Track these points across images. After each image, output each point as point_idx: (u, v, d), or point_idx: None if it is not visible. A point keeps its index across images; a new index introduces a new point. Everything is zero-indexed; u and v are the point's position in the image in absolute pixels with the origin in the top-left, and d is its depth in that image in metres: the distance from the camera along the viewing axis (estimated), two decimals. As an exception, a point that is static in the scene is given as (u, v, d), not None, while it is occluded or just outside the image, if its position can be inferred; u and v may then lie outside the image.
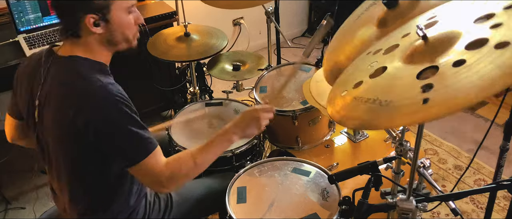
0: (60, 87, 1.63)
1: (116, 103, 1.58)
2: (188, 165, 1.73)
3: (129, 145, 1.62)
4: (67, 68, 1.64)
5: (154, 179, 1.67)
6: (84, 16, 1.58)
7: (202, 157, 1.76)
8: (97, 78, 1.61)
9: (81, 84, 1.59)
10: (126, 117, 1.59)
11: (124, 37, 1.71)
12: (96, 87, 1.58)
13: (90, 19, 1.59)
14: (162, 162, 1.68)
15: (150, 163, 1.63)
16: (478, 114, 3.83)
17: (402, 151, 1.81)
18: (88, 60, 1.65)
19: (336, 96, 1.40)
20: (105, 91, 1.58)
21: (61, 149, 1.71)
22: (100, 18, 1.61)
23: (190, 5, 3.19)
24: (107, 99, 1.58)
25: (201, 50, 2.87)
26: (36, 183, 3.38)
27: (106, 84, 1.60)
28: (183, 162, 1.73)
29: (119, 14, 1.65)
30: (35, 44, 2.96)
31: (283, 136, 2.60)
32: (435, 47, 1.22)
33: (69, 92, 1.61)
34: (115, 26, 1.65)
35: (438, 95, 1.04)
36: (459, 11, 1.36)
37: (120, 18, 1.65)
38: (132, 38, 1.74)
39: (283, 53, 4.78)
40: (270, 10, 2.90)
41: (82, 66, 1.63)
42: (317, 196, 1.93)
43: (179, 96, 3.85)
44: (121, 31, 1.68)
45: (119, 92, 1.61)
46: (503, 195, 3.01)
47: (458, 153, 3.44)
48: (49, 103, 1.65)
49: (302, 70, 2.78)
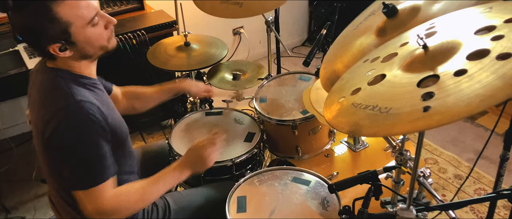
0: (38, 98, 1.65)
1: (84, 123, 1.58)
2: (134, 199, 1.74)
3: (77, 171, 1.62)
4: (48, 80, 1.65)
5: (96, 209, 1.66)
6: (47, 46, 1.58)
7: (150, 191, 1.78)
8: (73, 92, 1.60)
9: (56, 98, 1.60)
10: (87, 142, 1.59)
11: (98, 48, 1.69)
12: (69, 103, 1.58)
13: (54, 48, 1.59)
14: (109, 194, 1.67)
15: (94, 193, 1.63)
16: (478, 123, 3.83)
17: (402, 160, 1.80)
18: (68, 72, 1.66)
19: (333, 102, 1.40)
20: (77, 108, 1.58)
21: (43, 159, 1.73)
22: (64, 44, 1.59)
23: (190, 14, 3.20)
24: (76, 117, 1.57)
25: (201, 59, 2.87)
26: (36, 193, 3.38)
27: (80, 101, 1.59)
28: (129, 197, 1.73)
29: (82, 31, 1.61)
30: (35, 54, 2.96)
31: (283, 146, 2.59)
32: (435, 56, 1.23)
33: (44, 104, 1.62)
34: (83, 43, 1.64)
35: (440, 104, 1.04)
36: (458, 22, 1.37)
37: (85, 35, 1.62)
38: (107, 43, 1.72)
39: (283, 62, 4.80)
40: (270, 19, 2.91)
41: (61, 78, 1.64)
42: (317, 206, 1.93)
43: (179, 106, 3.85)
44: (91, 45, 1.66)
45: (90, 112, 1.59)
46: (503, 204, 3.00)
47: (458, 163, 3.43)
48: (32, 113, 1.68)
49: (302, 79, 2.78)
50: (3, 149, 3.58)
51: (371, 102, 1.22)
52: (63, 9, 1.54)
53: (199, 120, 2.62)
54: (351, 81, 1.46)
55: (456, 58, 1.18)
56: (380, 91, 1.27)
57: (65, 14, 1.54)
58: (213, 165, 2.21)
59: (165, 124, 4.08)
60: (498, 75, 1.01)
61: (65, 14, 1.54)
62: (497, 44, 1.12)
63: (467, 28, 1.27)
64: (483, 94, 0.99)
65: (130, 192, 1.74)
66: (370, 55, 1.53)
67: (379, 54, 1.48)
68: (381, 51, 1.50)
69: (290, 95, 2.66)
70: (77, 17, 1.58)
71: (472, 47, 1.17)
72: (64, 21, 1.55)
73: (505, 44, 1.10)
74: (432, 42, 1.28)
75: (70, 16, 1.56)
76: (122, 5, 3.60)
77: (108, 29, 1.71)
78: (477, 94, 1.00)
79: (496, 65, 1.04)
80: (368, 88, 1.31)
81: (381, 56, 1.44)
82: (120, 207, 1.69)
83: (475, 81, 1.03)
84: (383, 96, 1.23)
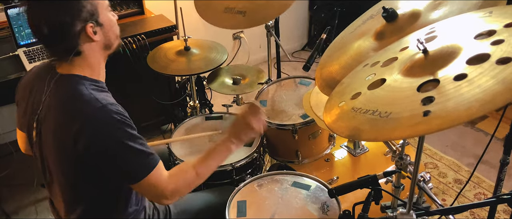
0: (60, 107, 1.63)
1: (116, 125, 1.57)
2: (191, 177, 1.73)
3: (132, 165, 1.62)
4: (67, 88, 1.63)
5: (157, 193, 1.67)
6: (83, 28, 1.58)
7: (203, 168, 1.76)
8: (96, 98, 1.60)
9: (81, 105, 1.58)
10: (127, 137, 1.59)
11: (115, 35, 1.73)
12: (96, 109, 1.57)
13: (89, 28, 1.59)
14: (165, 175, 1.68)
15: (153, 178, 1.63)
16: (478, 128, 3.83)
17: (402, 165, 1.81)
18: (86, 78, 1.65)
19: (333, 106, 1.40)
20: (105, 113, 1.57)
21: (61, 168, 1.71)
22: (95, 24, 1.61)
23: (190, 19, 3.20)
24: (107, 121, 1.57)
25: (201, 64, 2.87)
26: (36, 197, 3.37)
27: (106, 105, 1.59)
28: (185, 174, 1.73)
29: (106, 13, 1.67)
30: (35, 58, 2.97)
31: (283, 150, 2.59)
32: (435, 61, 1.23)
33: (69, 113, 1.60)
34: (107, 27, 1.67)
35: (440, 108, 1.04)
36: (458, 27, 1.37)
37: (108, 18, 1.68)
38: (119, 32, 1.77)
39: (283, 67, 4.80)
40: (270, 24, 2.91)
41: (82, 85, 1.63)
42: (317, 210, 1.93)
43: (179, 110, 3.85)
44: (112, 30, 1.70)
45: (118, 112, 1.60)
46: (503, 209, 3.00)
47: (458, 167, 3.43)
48: (49, 122, 1.64)
49: (302, 84, 2.78)
50: (3, 153, 3.58)
51: (371, 107, 1.22)
52: None
53: (199, 125, 2.62)
54: (351, 86, 1.46)
55: (456, 62, 1.18)
56: (380, 95, 1.27)
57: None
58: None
59: (165, 128, 4.08)
60: (498, 79, 1.01)
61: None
62: (497, 48, 1.12)
63: (467, 33, 1.27)
64: (483, 99, 0.99)
65: (184, 170, 1.75)
66: (370, 60, 1.53)
67: (379, 58, 1.48)
68: (381, 56, 1.50)
69: (290, 99, 2.66)
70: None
71: (472, 51, 1.18)
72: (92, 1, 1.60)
73: (505, 48, 1.10)
74: (432, 47, 1.28)
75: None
76: (122, 9, 3.61)
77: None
78: (477, 99, 1.00)
79: (496, 70, 1.04)
80: (368, 92, 1.32)
81: (381, 61, 1.44)
82: (179, 186, 1.70)
83: (475, 86, 1.03)
84: (383, 101, 1.23)
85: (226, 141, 1.84)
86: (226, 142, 1.83)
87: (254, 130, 1.86)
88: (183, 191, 1.73)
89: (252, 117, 1.85)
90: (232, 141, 1.83)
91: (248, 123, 1.85)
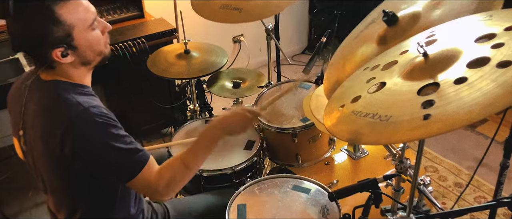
0: (44, 113, 1.62)
1: (99, 127, 1.57)
2: (180, 169, 1.73)
3: (122, 164, 1.61)
4: (50, 93, 1.63)
5: (151, 189, 1.68)
6: (50, 52, 1.56)
7: (191, 158, 1.75)
8: (78, 101, 1.59)
9: (64, 110, 1.58)
10: (112, 138, 1.58)
11: (96, 53, 1.68)
12: (78, 112, 1.56)
13: (57, 52, 1.57)
14: (156, 171, 1.68)
15: (145, 175, 1.63)
16: (478, 131, 3.83)
17: (402, 168, 1.81)
18: (68, 83, 1.65)
19: (333, 109, 1.40)
20: (87, 116, 1.56)
21: (53, 174, 1.71)
22: (66, 48, 1.58)
23: (190, 22, 3.20)
24: (89, 124, 1.56)
25: (201, 67, 2.87)
26: (36, 201, 3.37)
27: (88, 108, 1.57)
28: (174, 167, 1.73)
29: (84, 35, 1.61)
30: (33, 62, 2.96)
31: (283, 154, 2.59)
32: (435, 64, 1.23)
33: (53, 118, 1.59)
34: (84, 48, 1.63)
35: (440, 112, 1.04)
36: (458, 30, 1.37)
37: (86, 39, 1.62)
38: (104, 48, 1.72)
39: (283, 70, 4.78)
40: (270, 27, 2.91)
41: (64, 90, 1.62)
42: (317, 214, 1.92)
43: (179, 114, 3.85)
44: (91, 49, 1.65)
45: (101, 114, 1.58)
46: (503, 212, 2.99)
47: (458, 171, 3.43)
48: (35, 129, 1.64)
49: (302, 87, 2.78)
50: (2, 157, 3.57)
51: (371, 110, 1.22)
52: (66, 12, 1.54)
53: (199, 128, 2.62)
54: (351, 89, 1.46)
55: (456, 66, 1.18)
56: (380, 99, 1.27)
57: (68, 16, 1.54)
58: (213, 173, 2.21)
59: (165, 132, 4.08)
60: (498, 83, 1.01)
61: (68, 16, 1.54)
62: (497, 52, 1.12)
63: (467, 36, 1.27)
64: (483, 102, 0.99)
65: (172, 164, 1.74)
66: (370, 63, 1.53)
67: (379, 62, 1.48)
68: (381, 59, 1.50)
69: (290, 103, 2.65)
70: (79, 20, 1.58)
71: (472, 55, 1.18)
72: (68, 23, 1.55)
73: (505, 52, 1.10)
74: (432, 50, 1.28)
75: (72, 19, 1.55)
76: (122, 13, 3.61)
77: (104, 34, 1.71)
78: (477, 102, 1.00)
79: (496, 73, 1.04)
80: (368, 96, 1.32)
81: (381, 64, 1.44)
82: (170, 180, 1.69)
83: (475, 89, 1.03)
84: (383, 104, 1.23)
85: (212, 129, 1.81)
86: (212, 130, 1.81)
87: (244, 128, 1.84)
88: (176, 185, 1.73)
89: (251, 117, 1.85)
90: (218, 128, 1.80)
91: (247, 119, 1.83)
